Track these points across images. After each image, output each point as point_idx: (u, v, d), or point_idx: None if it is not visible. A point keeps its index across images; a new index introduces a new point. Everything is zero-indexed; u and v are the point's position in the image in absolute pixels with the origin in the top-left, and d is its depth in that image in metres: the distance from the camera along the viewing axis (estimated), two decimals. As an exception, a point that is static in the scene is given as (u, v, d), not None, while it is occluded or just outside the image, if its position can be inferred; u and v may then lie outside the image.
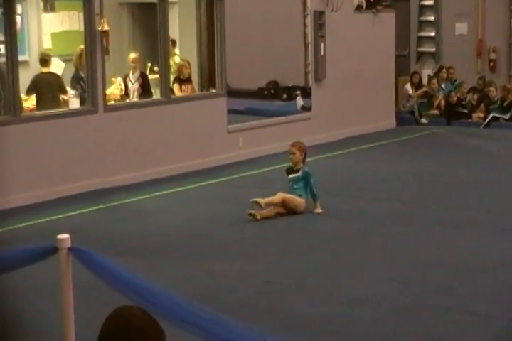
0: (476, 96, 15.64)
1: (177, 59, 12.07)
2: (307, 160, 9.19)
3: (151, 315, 2.84)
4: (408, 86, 15.78)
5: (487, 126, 14.94)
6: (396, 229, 8.20)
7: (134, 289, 3.68)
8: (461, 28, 17.28)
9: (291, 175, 8.90)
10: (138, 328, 2.77)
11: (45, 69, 10.29)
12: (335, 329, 5.71)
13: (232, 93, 12.05)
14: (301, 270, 7.01)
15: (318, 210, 8.77)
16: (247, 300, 6.33)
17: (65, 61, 10.95)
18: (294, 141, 9.33)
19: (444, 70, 16.30)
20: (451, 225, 8.34)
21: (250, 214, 8.48)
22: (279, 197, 8.65)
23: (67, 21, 11.32)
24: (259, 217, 8.49)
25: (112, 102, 10.66)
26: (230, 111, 11.95)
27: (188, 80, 11.73)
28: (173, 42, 11.94)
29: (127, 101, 10.97)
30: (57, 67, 10.71)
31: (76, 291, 3.83)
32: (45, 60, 10.28)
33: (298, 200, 8.73)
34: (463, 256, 7.32)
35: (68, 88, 10.38)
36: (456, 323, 5.78)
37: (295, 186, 8.81)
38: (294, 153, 8.94)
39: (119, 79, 11.03)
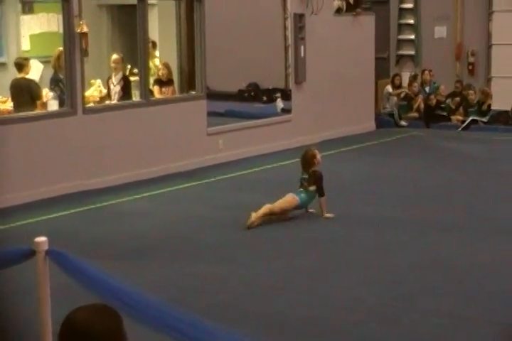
0: (455, 99, 15.72)
1: (157, 61, 12.03)
2: (288, 162, 9.17)
3: (110, 316, 2.76)
4: (389, 86, 15.87)
5: (466, 129, 15.02)
6: (378, 232, 8.21)
7: (111, 292, 3.65)
8: (441, 31, 17.37)
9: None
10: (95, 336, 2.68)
11: (20, 75, 10.16)
12: (319, 332, 5.67)
13: (213, 95, 12.03)
14: (285, 273, 6.98)
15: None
16: (228, 303, 6.30)
17: (43, 63, 10.88)
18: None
19: (427, 72, 16.39)
20: (433, 227, 8.35)
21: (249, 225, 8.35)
22: (266, 209, 8.47)
23: (46, 23, 11.25)
24: (256, 224, 8.38)
25: (91, 104, 10.60)
26: (210, 114, 11.93)
27: (169, 82, 11.70)
28: (154, 44, 11.89)
29: (107, 103, 10.90)
30: (35, 68, 10.63)
31: (54, 294, 3.79)
32: (20, 65, 10.14)
33: (284, 202, 8.60)
34: (448, 258, 7.32)
35: (47, 90, 10.30)
36: (442, 327, 5.75)
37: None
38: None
39: (99, 81, 10.97)
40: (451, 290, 6.51)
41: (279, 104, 13.44)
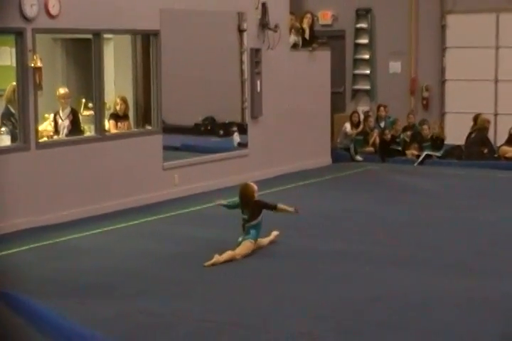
0: (406, 133, 15.89)
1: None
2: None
3: None
4: (347, 124, 15.95)
5: (421, 163, 15.15)
6: (333, 267, 8.19)
7: (63, 333, 3.57)
8: (395, 66, 17.62)
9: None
10: None
11: None
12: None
13: (168, 129, 11.97)
14: (238, 308, 6.93)
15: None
16: (182, 339, 6.22)
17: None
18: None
19: (382, 108, 16.54)
20: (388, 262, 8.37)
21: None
22: (228, 255, 8.37)
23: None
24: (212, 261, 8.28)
25: (45, 139, 10.47)
26: (166, 148, 11.86)
27: (124, 117, 11.62)
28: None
29: (55, 137, 10.70)
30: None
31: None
32: None
33: (244, 248, 8.51)
34: (400, 293, 7.33)
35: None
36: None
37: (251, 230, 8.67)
38: None
39: (52, 116, 10.84)
40: (403, 324, 6.50)
41: (236, 138, 13.43)
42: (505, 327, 6.46)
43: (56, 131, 10.81)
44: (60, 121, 10.85)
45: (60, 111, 10.89)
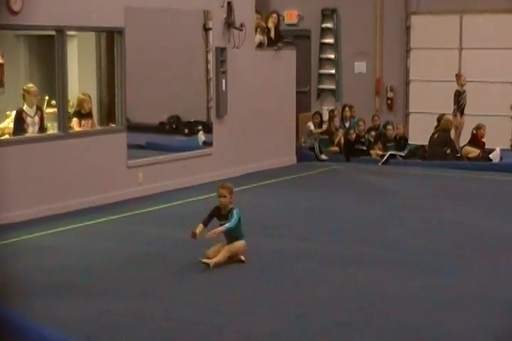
0: (371, 133, 15.98)
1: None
2: (209, 196, 9.09)
3: None
4: (310, 123, 16.03)
5: (385, 163, 15.24)
6: (295, 266, 8.20)
7: (23, 333, 3.52)
8: (360, 66, 17.70)
9: (222, 222, 8.34)
10: None
11: None
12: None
13: (133, 127, 11.91)
14: (202, 308, 6.90)
15: None
16: (146, 339, 6.18)
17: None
18: (221, 182, 8.83)
19: (347, 109, 16.59)
20: (349, 261, 8.40)
21: (203, 262, 8.06)
22: (225, 253, 8.20)
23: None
24: (211, 266, 8.04)
25: (6, 136, 10.35)
26: (131, 146, 11.80)
27: (88, 115, 11.53)
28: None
29: (29, 134, 10.60)
30: None
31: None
32: None
33: (238, 245, 8.32)
34: (362, 292, 7.36)
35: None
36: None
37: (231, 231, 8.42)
38: (224, 196, 8.33)
39: (15, 113, 10.71)
40: (364, 323, 6.52)
41: (201, 136, 13.40)
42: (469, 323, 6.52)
43: (21, 128, 10.65)
44: (28, 118, 10.69)
45: (28, 108, 10.70)
